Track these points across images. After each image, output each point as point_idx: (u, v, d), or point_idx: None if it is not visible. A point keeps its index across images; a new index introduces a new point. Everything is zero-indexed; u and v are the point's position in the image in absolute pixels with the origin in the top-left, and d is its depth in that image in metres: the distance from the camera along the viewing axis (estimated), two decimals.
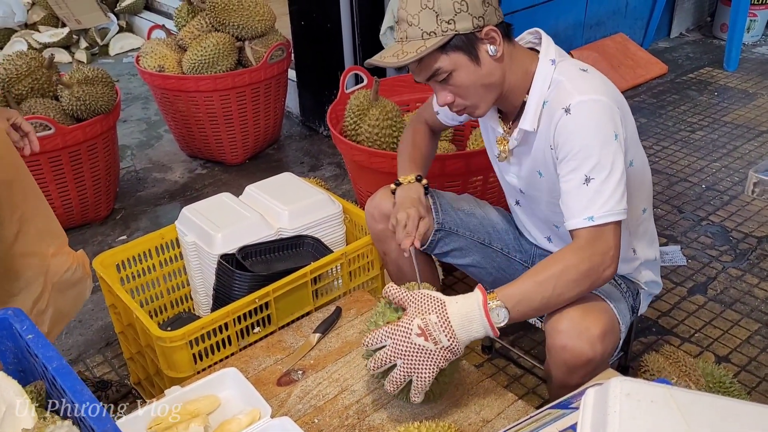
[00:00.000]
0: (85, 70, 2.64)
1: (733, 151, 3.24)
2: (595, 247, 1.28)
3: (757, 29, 4.47)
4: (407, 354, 1.24)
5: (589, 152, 1.28)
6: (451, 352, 1.25)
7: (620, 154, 1.30)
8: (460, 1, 1.29)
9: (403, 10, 1.34)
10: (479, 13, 1.31)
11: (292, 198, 1.94)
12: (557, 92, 1.35)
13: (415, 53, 1.30)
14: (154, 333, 1.57)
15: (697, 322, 2.22)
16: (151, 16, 5.11)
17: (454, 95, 1.39)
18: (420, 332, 1.23)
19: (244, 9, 3.02)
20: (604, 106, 1.30)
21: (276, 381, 1.52)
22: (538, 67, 1.39)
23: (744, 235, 2.63)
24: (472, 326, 1.25)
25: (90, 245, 2.79)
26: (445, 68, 1.34)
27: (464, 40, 1.32)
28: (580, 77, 1.35)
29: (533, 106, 1.40)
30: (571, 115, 1.30)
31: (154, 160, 3.47)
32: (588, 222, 1.28)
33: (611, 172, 1.28)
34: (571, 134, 1.30)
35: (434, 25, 1.30)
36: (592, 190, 1.28)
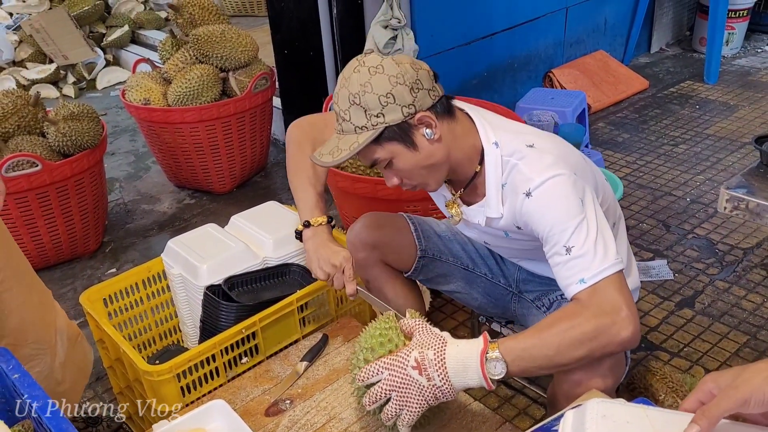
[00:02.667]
0: (70, 107, 2.66)
1: (717, 164, 3.28)
2: (600, 306, 1.23)
3: (736, 42, 4.55)
4: (401, 386, 1.21)
5: (560, 227, 1.28)
6: (441, 392, 1.21)
7: (591, 210, 1.30)
8: (386, 95, 1.30)
9: (336, 105, 1.36)
10: (408, 102, 1.31)
11: (277, 227, 1.95)
12: (514, 175, 1.36)
13: (348, 150, 1.33)
14: (141, 367, 1.57)
15: (686, 336, 2.23)
16: (138, 50, 5.15)
17: (400, 177, 1.41)
18: (416, 365, 1.21)
19: (227, 40, 3.06)
20: (561, 181, 1.30)
21: (264, 411, 1.52)
22: (485, 153, 1.40)
23: (730, 247, 2.66)
24: (467, 374, 1.21)
25: (80, 279, 2.80)
26: (384, 158, 1.36)
27: (396, 131, 1.33)
28: (531, 156, 1.35)
29: (494, 193, 1.40)
30: (532, 198, 1.31)
31: (143, 191, 3.48)
32: (582, 285, 1.25)
33: (588, 233, 1.27)
34: (538, 217, 1.31)
35: (364, 119, 1.32)
36: (575, 258, 1.26)
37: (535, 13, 3.64)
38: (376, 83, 1.30)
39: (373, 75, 1.30)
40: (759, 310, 2.32)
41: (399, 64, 1.32)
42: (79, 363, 1.70)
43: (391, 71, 1.31)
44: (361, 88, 1.30)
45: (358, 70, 1.32)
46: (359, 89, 1.30)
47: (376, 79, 1.30)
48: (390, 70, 1.31)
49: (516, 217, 1.38)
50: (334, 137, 1.39)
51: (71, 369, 1.67)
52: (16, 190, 2.51)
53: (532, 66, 3.81)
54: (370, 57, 1.34)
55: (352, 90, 1.31)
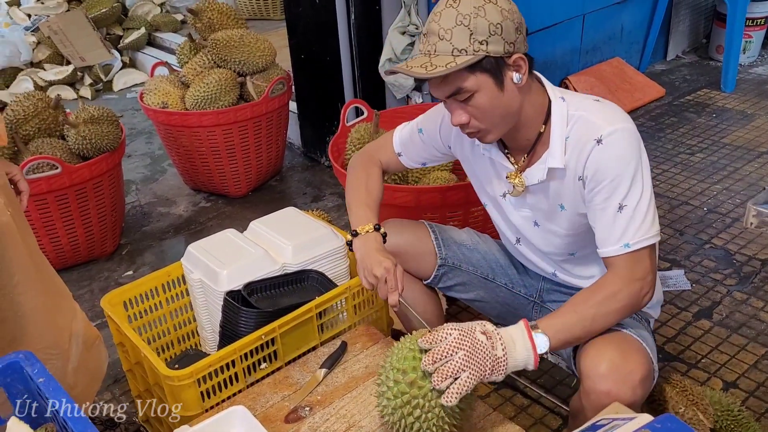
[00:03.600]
0: (90, 110, 2.68)
1: (734, 173, 3.26)
2: (634, 272, 1.32)
3: (753, 50, 4.52)
4: (470, 347, 1.21)
5: (620, 181, 1.31)
6: (498, 365, 1.23)
7: (648, 177, 1.34)
8: (496, 24, 1.29)
9: (435, 23, 1.32)
10: (511, 39, 1.31)
11: (296, 233, 1.96)
12: (581, 126, 1.37)
13: (445, 68, 1.28)
14: (163, 372, 1.58)
15: (704, 347, 2.22)
16: (154, 52, 5.19)
17: (470, 116, 1.37)
18: (483, 331, 1.26)
19: (245, 45, 3.07)
20: (631, 134, 1.34)
21: (284, 418, 1.52)
22: (552, 105, 1.41)
23: (747, 257, 2.64)
24: (516, 348, 1.26)
25: (96, 281, 2.81)
26: (469, 88, 1.33)
27: (493, 63, 1.31)
28: (599, 108, 1.38)
29: (557, 143, 1.40)
30: (603, 145, 1.33)
31: (159, 194, 3.50)
32: (625, 249, 1.31)
33: (641, 197, 1.32)
34: (604, 165, 1.33)
35: (467, 43, 1.29)
36: (625, 218, 1.31)
37: (551, 20, 3.64)
38: (490, 10, 1.29)
39: (488, 2, 1.29)
40: None
41: (510, 2, 1.33)
42: (92, 368, 1.71)
43: (503, 5, 1.31)
44: (474, 11, 1.28)
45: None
46: (472, 11, 1.28)
47: (490, 7, 1.29)
48: (503, 4, 1.31)
49: (582, 166, 1.37)
50: (419, 56, 1.34)
51: (84, 374, 1.68)
52: (36, 193, 2.53)
53: (549, 73, 3.78)
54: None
55: (463, 10, 1.28)
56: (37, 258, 1.63)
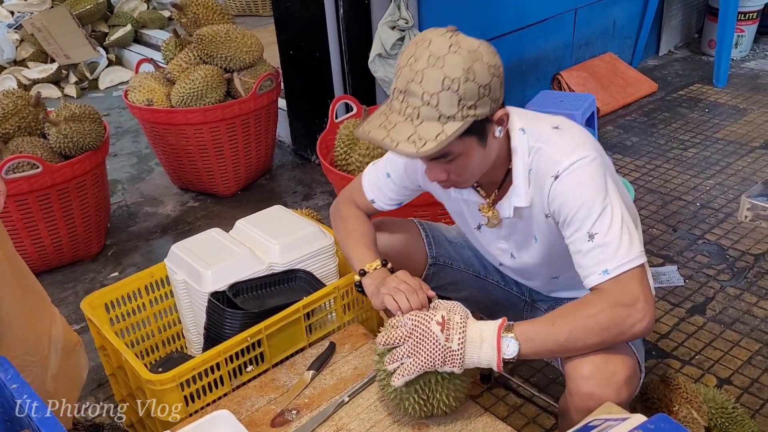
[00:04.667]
0: (72, 107, 2.63)
1: (726, 168, 3.23)
2: (620, 297, 1.22)
3: (745, 44, 4.50)
4: (419, 336, 1.27)
5: (586, 212, 1.25)
6: (452, 356, 1.25)
7: (617, 200, 1.27)
8: (485, 86, 1.18)
9: (417, 85, 1.17)
10: (497, 97, 1.22)
11: (283, 232, 1.91)
12: (541, 159, 1.31)
13: (436, 142, 1.17)
14: (144, 376, 1.53)
15: (697, 343, 2.19)
16: (141, 49, 5.12)
17: (449, 173, 1.30)
18: (440, 322, 1.26)
19: (232, 41, 3.02)
20: (588, 163, 1.26)
21: (270, 422, 1.48)
22: (512, 141, 1.34)
23: (741, 253, 2.61)
24: (482, 346, 1.25)
25: (81, 283, 2.76)
26: (455, 152, 1.25)
27: (479, 125, 1.23)
28: (557, 139, 1.31)
29: (521, 181, 1.34)
30: (560, 181, 1.27)
31: (146, 194, 3.45)
32: (605, 276, 1.23)
33: (612, 222, 1.24)
34: (566, 199, 1.27)
35: (455, 109, 1.17)
36: (598, 246, 1.24)
37: (543, 15, 3.60)
38: (479, 71, 1.17)
39: (474, 62, 1.17)
40: None
41: (494, 54, 1.22)
42: (72, 374, 1.66)
43: (490, 60, 1.19)
44: (463, 74, 1.16)
45: (457, 52, 1.16)
46: (462, 74, 1.15)
47: (478, 66, 1.17)
48: (489, 59, 1.19)
49: (545, 203, 1.33)
50: (400, 121, 1.21)
51: (63, 381, 1.63)
52: (17, 192, 2.48)
53: (541, 68, 3.77)
54: (461, 37, 1.19)
55: (452, 74, 1.15)
56: (14, 261, 1.58)
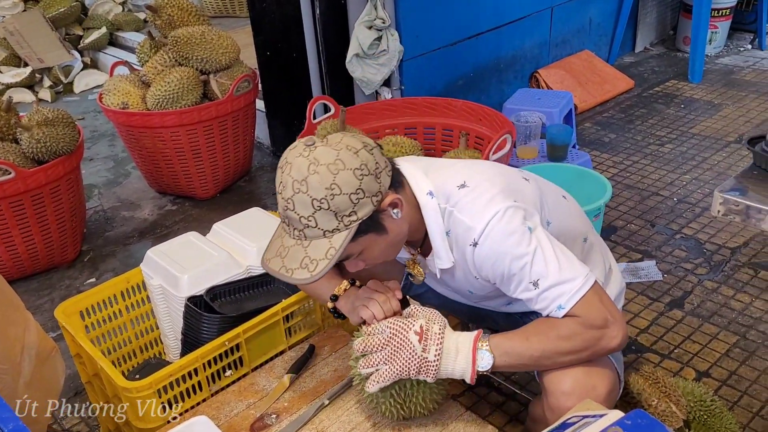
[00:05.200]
0: (44, 111, 2.58)
1: (703, 163, 3.27)
2: (588, 321, 1.23)
3: (719, 41, 4.56)
4: (396, 345, 1.27)
5: (517, 266, 1.24)
6: (426, 367, 1.26)
7: (543, 236, 1.26)
8: (356, 191, 1.17)
9: (293, 212, 1.19)
10: (375, 190, 1.20)
11: (261, 234, 1.89)
12: (454, 225, 1.30)
13: (327, 260, 1.19)
14: (120, 383, 1.51)
15: (676, 337, 2.20)
16: (116, 52, 5.06)
17: (365, 262, 1.31)
18: (419, 332, 1.26)
19: (207, 42, 2.99)
20: (501, 218, 1.24)
21: (249, 427, 1.47)
22: (422, 209, 1.31)
23: (717, 246, 2.64)
24: (457, 358, 1.26)
25: (57, 290, 2.72)
26: (356, 252, 1.26)
27: (369, 223, 1.22)
28: (464, 199, 1.28)
29: (440, 244, 1.32)
30: (480, 247, 1.26)
31: (122, 198, 3.40)
32: (562, 311, 1.24)
33: (546, 261, 1.23)
34: (492, 263, 1.26)
35: (335, 222, 1.19)
36: (545, 290, 1.24)
37: (520, 13, 3.61)
38: (343, 182, 1.16)
39: (336, 174, 1.16)
40: (747, 309, 2.30)
41: (357, 153, 1.19)
42: (47, 382, 1.63)
43: (352, 164, 1.17)
44: (327, 192, 1.16)
45: (315, 171, 1.16)
46: (326, 193, 1.16)
47: (341, 178, 1.16)
48: (351, 163, 1.17)
49: (470, 268, 1.32)
50: (292, 245, 1.22)
51: (38, 388, 1.60)
52: None
53: (519, 66, 3.78)
54: (319, 151, 1.18)
55: (316, 195, 1.16)
56: None
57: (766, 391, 1.97)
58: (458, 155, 2.36)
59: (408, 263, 1.47)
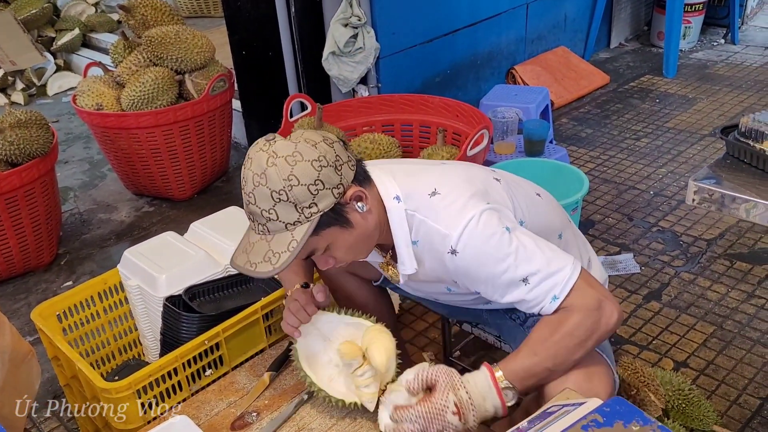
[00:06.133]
0: (17, 114, 2.55)
1: (678, 156, 3.31)
2: (584, 306, 1.22)
3: (693, 36, 4.62)
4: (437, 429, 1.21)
5: (503, 265, 1.23)
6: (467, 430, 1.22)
7: (522, 234, 1.26)
8: (315, 182, 1.18)
9: (254, 206, 1.20)
10: (336, 182, 1.21)
11: (239, 233, 1.84)
12: (427, 234, 1.28)
13: (288, 252, 1.19)
14: (98, 384, 1.49)
15: (654, 329, 2.23)
16: (90, 54, 5.00)
17: (335, 258, 1.31)
18: (456, 411, 1.20)
19: (182, 42, 2.97)
20: (477, 221, 1.23)
21: (230, 425, 1.46)
22: (388, 213, 1.30)
23: (693, 238, 2.67)
24: (486, 405, 1.22)
25: (34, 293, 2.68)
26: (321, 246, 1.26)
27: (331, 215, 1.22)
28: (436, 208, 1.27)
29: (404, 251, 1.32)
30: (459, 255, 1.25)
31: (99, 200, 3.36)
32: (557, 301, 1.23)
33: (531, 257, 1.23)
34: (476, 269, 1.25)
35: (296, 215, 1.19)
36: (537, 285, 1.23)
37: (496, 10, 3.63)
38: (301, 173, 1.17)
39: (294, 165, 1.17)
40: (724, 300, 2.33)
41: (315, 145, 1.20)
42: (22, 386, 1.60)
43: (310, 155, 1.19)
44: (285, 183, 1.17)
45: (273, 163, 1.17)
46: (284, 184, 1.17)
47: (299, 169, 1.17)
48: (309, 155, 1.19)
49: (450, 275, 1.31)
50: (257, 240, 1.24)
51: (11, 393, 1.57)
52: None
53: (495, 63, 3.80)
54: (279, 144, 1.20)
55: (274, 187, 1.17)
56: None
57: (743, 380, 2.00)
58: (436, 151, 2.37)
59: (382, 266, 1.46)
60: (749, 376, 2.01)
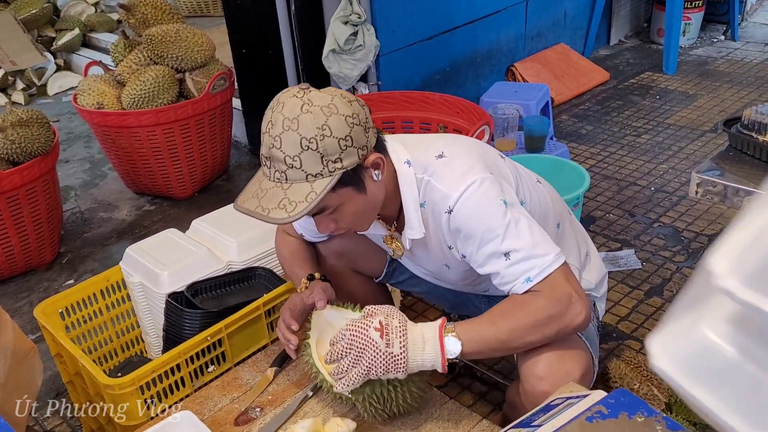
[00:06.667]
0: (18, 112, 2.55)
1: (679, 152, 3.31)
2: (552, 295, 1.22)
3: (692, 32, 4.62)
4: (359, 346, 1.24)
5: (493, 235, 1.24)
6: (394, 362, 1.22)
7: (519, 210, 1.26)
8: (345, 137, 1.18)
9: (278, 150, 1.18)
10: (363, 143, 1.22)
11: (241, 230, 1.88)
12: (430, 193, 1.31)
13: (306, 202, 1.18)
14: (102, 381, 1.49)
15: (656, 324, 2.22)
16: (90, 53, 5.00)
17: (337, 223, 1.30)
18: (378, 327, 1.24)
19: (182, 40, 2.97)
20: (478, 187, 1.25)
21: (233, 421, 1.46)
22: (399, 177, 1.32)
23: (695, 234, 2.68)
24: (425, 348, 1.23)
25: (36, 292, 2.68)
26: (332, 205, 1.25)
27: (351, 175, 1.22)
28: (442, 169, 1.29)
29: (413, 214, 1.33)
30: (454, 214, 1.27)
31: (100, 199, 3.36)
32: (528, 284, 1.23)
33: (519, 234, 1.23)
34: (466, 231, 1.26)
35: (320, 166, 1.18)
36: (516, 262, 1.23)
37: (495, 7, 3.63)
38: (335, 125, 1.17)
39: (329, 116, 1.17)
40: None
41: (350, 102, 1.22)
42: (23, 383, 1.60)
43: (345, 111, 1.19)
44: (318, 132, 1.16)
45: (308, 110, 1.17)
46: (316, 133, 1.16)
47: (333, 121, 1.17)
48: (344, 110, 1.19)
49: (446, 237, 1.32)
50: (271, 186, 1.22)
51: (14, 390, 1.57)
52: None
53: (495, 60, 3.80)
54: (314, 94, 1.19)
55: (306, 134, 1.16)
56: None
57: None
58: None
59: (386, 239, 1.47)
60: None
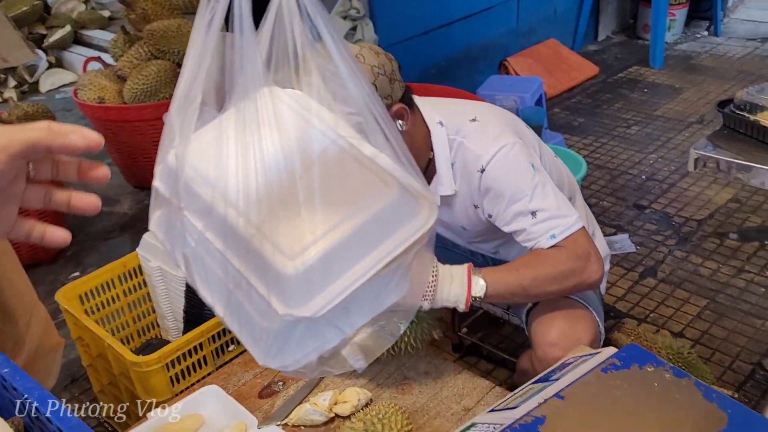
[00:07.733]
0: (24, 106, 2.59)
1: (667, 143, 3.42)
2: (575, 251, 1.31)
3: (677, 28, 4.74)
4: None
5: (519, 195, 1.33)
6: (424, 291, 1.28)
7: (544, 175, 1.36)
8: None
9: None
10: (387, 92, 1.29)
11: None
12: (462, 154, 1.39)
13: None
14: (129, 359, 1.55)
15: (651, 303, 2.32)
16: (82, 50, 5.01)
17: None
18: None
19: (184, 35, 3.01)
20: (509, 150, 1.34)
21: (257, 394, 1.51)
22: (432, 134, 1.40)
23: (685, 219, 2.78)
24: (453, 283, 1.29)
25: (42, 285, 2.71)
26: None
27: None
28: (476, 131, 1.38)
29: (445, 171, 1.41)
30: (486, 173, 1.35)
31: (100, 193, 3.25)
32: (553, 240, 1.32)
33: (545, 195, 1.33)
34: (496, 190, 1.35)
35: None
36: (542, 221, 1.33)
37: (489, 3, 3.72)
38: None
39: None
40: (715, 275, 2.44)
41: (378, 54, 1.29)
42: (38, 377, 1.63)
43: (372, 61, 1.27)
44: None
45: None
46: None
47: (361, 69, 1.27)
48: (371, 60, 1.27)
49: (474, 195, 1.40)
50: None
51: None
52: None
53: (489, 55, 3.89)
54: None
55: None
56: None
57: (736, 348, 2.10)
58: None
59: None
60: (741, 344, 2.11)
